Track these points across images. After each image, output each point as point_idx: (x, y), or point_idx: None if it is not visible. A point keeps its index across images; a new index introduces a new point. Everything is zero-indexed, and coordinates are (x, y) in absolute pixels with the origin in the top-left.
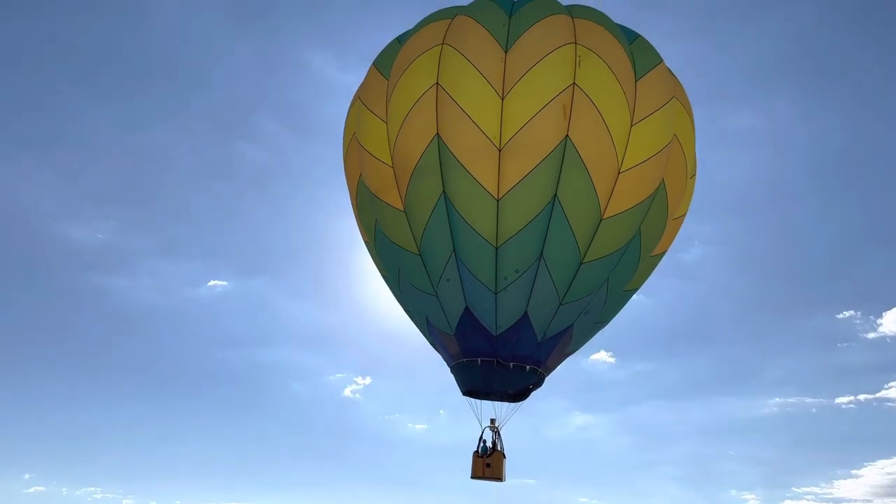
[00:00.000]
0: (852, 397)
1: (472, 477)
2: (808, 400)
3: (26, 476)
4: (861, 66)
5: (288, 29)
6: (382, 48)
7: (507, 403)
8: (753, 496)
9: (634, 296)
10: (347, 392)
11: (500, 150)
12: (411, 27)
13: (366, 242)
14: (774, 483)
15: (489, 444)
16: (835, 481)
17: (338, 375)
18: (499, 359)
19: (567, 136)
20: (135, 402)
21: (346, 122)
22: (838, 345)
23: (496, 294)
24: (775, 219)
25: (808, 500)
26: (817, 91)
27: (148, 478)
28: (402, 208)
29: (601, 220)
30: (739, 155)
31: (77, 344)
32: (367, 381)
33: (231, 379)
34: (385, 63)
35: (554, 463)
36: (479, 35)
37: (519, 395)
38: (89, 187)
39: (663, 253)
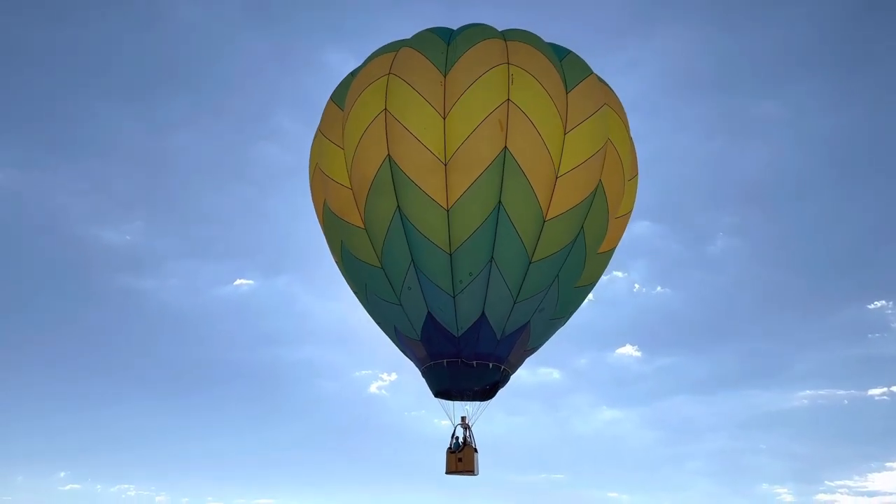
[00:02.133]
0: (885, 389)
1: (447, 472)
2: (840, 392)
3: (62, 474)
4: (886, 55)
5: (305, 28)
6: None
7: (477, 403)
8: (786, 490)
9: (660, 289)
10: (373, 388)
11: (445, 165)
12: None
13: (336, 263)
14: (807, 477)
15: (461, 440)
16: (868, 474)
17: (363, 372)
18: (462, 358)
19: (505, 147)
20: (166, 400)
21: (310, 155)
22: (869, 335)
23: (454, 297)
24: (801, 208)
25: (841, 493)
26: (842, 79)
27: (180, 475)
28: (362, 226)
29: (544, 221)
30: (763, 144)
31: (109, 344)
32: (393, 377)
33: (259, 376)
34: (340, 96)
35: (582, 458)
36: (420, 63)
37: (486, 392)
38: (115, 190)
39: (611, 250)
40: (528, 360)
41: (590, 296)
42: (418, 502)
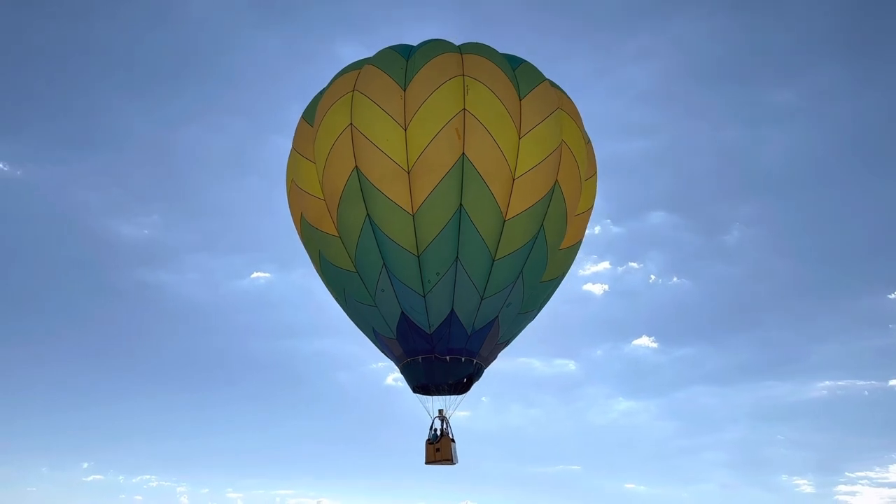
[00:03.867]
0: None
1: (426, 463)
2: (860, 383)
3: (85, 465)
4: None
5: (316, 20)
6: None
7: (453, 397)
8: (805, 481)
9: (676, 280)
10: (390, 380)
11: (408, 173)
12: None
13: (317, 271)
14: (827, 468)
15: (438, 431)
16: (890, 466)
17: (380, 364)
18: (436, 353)
19: (463, 153)
20: (185, 392)
21: (286, 171)
22: (890, 325)
23: (424, 297)
24: (819, 197)
25: (862, 484)
26: (859, 67)
27: (200, 466)
28: (336, 234)
29: (504, 221)
30: (780, 133)
31: (128, 337)
32: None
33: (276, 368)
34: (310, 113)
35: (598, 449)
36: (381, 79)
37: (461, 385)
38: (132, 185)
39: (574, 245)
40: (543, 352)
41: (605, 286)
42: (434, 492)
